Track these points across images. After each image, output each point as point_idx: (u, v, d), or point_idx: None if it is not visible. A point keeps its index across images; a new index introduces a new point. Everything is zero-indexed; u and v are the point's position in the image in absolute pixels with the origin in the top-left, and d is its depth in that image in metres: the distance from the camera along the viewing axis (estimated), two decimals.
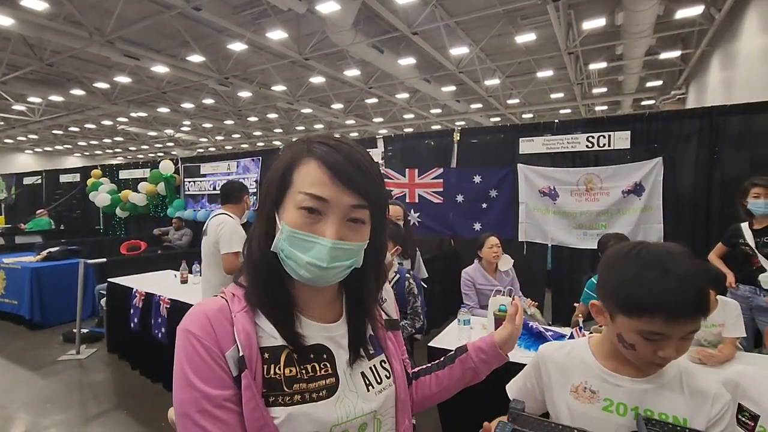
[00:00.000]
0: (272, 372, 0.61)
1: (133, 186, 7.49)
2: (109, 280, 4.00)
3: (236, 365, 0.60)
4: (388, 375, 0.73)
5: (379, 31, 9.70)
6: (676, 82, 14.09)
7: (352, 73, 12.16)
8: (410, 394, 0.83)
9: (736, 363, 1.85)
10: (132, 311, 3.57)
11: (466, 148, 4.52)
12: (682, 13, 9.06)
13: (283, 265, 0.64)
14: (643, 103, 17.12)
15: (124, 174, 8.04)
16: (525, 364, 1.05)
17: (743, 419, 0.90)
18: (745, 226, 2.64)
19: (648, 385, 0.81)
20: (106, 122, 18.55)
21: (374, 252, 0.68)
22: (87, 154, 28.97)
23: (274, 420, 0.59)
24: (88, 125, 19.35)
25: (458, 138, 4.52)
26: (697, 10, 9.20)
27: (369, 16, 9.02)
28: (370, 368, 0.71)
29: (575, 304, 2.72)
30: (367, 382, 0.69)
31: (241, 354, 0.60)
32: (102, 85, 12.91)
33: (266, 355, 0.62)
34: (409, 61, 10.92)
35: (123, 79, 11.81)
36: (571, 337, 1.98)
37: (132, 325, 3.55)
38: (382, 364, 0.73)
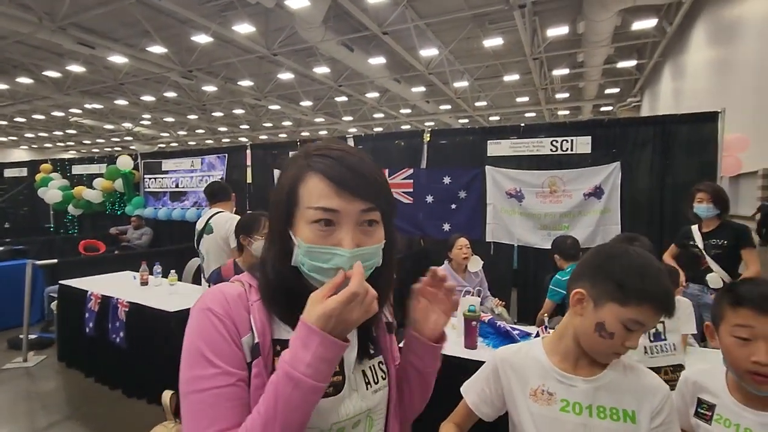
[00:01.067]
0: None
1: (88, 182, 7.08)
2: (60, 282, 3.77)
3: (250, 351, 0.62)
4: (384, 376, 0.74)
5: (349, 29, 9.65)
6: (632, 90, 14.87)
7: (321, 70, 12.04)
8: None
9: (686, 359, 1.97)
10: (87, 315, 3.38)
11: (436, 149, 4.57)
12: (638, 25, 9.56)
13: (306, 278, 0.64)
14: (602, 109, 17.95)
15: (77, 169, 7.59)
16: None
17: (702, 411, 0.97)
18: (695, 228, 2.82)
19: (598, 383, 0.88)
20: (57, 113, 17.46)
21: (386, 251, 0.68)
22: (35, 146, 27.18)
23: None
24: (36, 116, 18.15)
25: (428, 139, 4.56)
26: (651, 22, 9.74)
27: (339, 14, 8.96)
28: (370, 367, 0.73)
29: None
30: (367, 381, 0.71)
31: (256, 341, 0.62)
32: (52, 73, 12.14)
33: (278, 348, 0.63)
34: (379, 60, 10.93)
35: (76, 68, 11.16)
36: (537, 335, 2.05)
37: (87, 330, 3.36)
38: (380, 365, 0.75)
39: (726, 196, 2.73)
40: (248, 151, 5.60)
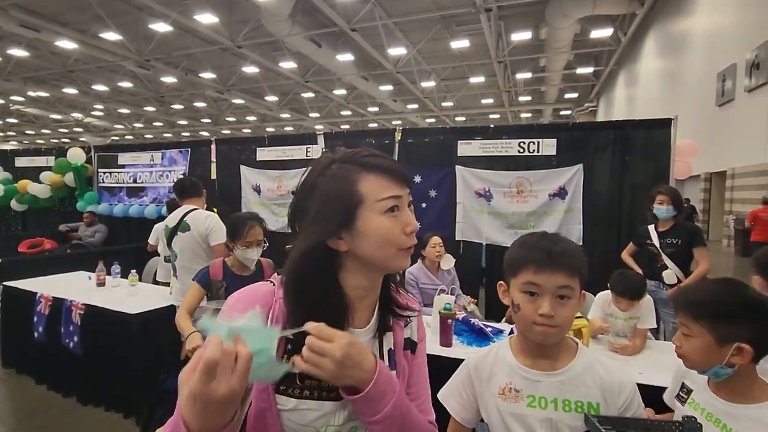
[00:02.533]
0: (290, 363, 0.63)
1: (34, 176, 6.58)
2: (5, 283, 3.49)
3: None
4: None
5: (316, 25, 9.51)
6: (589, 95, 15.58)
7: (287, 65, 11.80)
8: None
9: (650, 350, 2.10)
10: (36, 319, 3.13)
11: (408, 148, 4.58)
12: (596, 34, 10.02)
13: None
14: (562, 112, 18.69)
15: (21, 161, 7.03)
16: None
17: (681, 393, 1.06)
18: (651, 228, 2.99)
19: (562, 377, 0.90)
20: None
21: None
22: None
23: (279, 406, 0.66)
24: None
25: (399, 137, 4.57)
26: (607, 32, 10.23)
27: (307, 8, 8.81)
28: None
29: None
30: None
31: None
32: None
33: (289, 346, 0.66)
34: (347, 57, 10.85)
35: (18, 53, 10.33)
36: (511, 332, 2.10)
37: (36, 335, 3.12)
38: None
39: (682, 198, 2.92)
40: (213, 146, 5.39)
